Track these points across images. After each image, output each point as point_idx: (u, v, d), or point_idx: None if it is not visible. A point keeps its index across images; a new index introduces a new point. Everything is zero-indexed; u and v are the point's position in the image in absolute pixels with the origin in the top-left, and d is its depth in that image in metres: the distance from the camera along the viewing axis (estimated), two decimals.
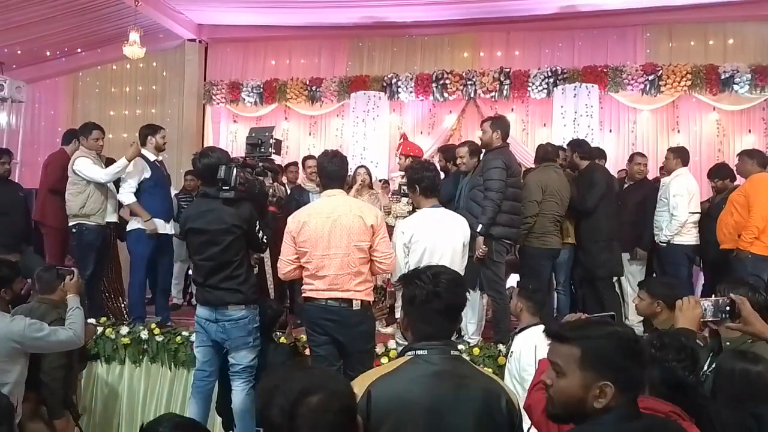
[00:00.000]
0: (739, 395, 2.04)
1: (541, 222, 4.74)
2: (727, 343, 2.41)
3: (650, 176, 7.63)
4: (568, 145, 5.47)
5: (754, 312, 2.08)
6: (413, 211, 4.30)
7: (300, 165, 6.50)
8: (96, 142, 5.05)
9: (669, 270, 5.36)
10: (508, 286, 4.80)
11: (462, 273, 3.65)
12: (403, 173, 5.50)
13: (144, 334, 4.76)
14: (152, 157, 4.98)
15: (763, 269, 4.63)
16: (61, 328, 3.26)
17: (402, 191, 4.89)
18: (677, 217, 5.10)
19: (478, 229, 4.20)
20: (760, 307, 2.29)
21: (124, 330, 4.81)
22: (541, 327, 2.59)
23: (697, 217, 5.23)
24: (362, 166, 5.77)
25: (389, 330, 4.94)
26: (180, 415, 1.76)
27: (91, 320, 4.77)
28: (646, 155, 6.01)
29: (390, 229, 4.17)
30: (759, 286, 3.23)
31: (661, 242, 5.28)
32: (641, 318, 4.68)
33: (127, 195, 4.83)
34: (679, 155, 5.40)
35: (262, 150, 3.90)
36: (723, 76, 7.39)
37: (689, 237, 5.22)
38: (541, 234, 4.76)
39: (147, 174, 4.87)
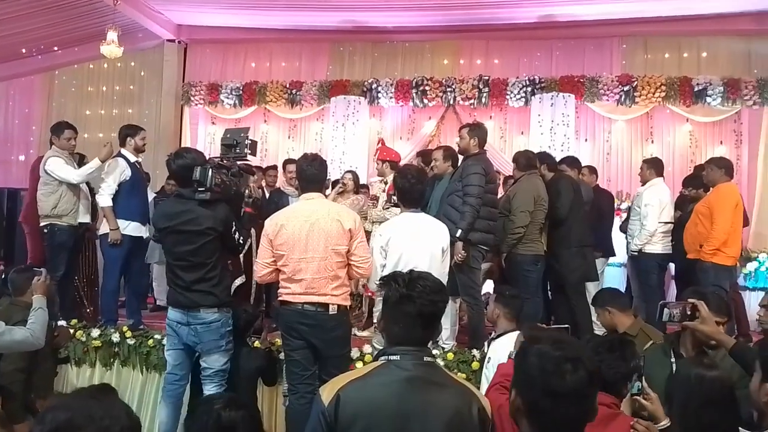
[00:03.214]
0: (693, 400, 2.12)
1: (529, 229, 4.78)
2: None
3: (626, 186, 7.87)
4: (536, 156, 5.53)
5: (710, 315, 2.32)
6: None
7: (279, 168, 6.47)
8: (68, 142, 4.95)
9: (641, 278, 5.48)
10: (483, 292, 4.83)
11: (443, 278, 3.67)
12: (381, 178, 5.53)
13: (115, 337, 4.69)
14: (132, 158, 4.90)
15: (725, 278, 4.72)
16: (18, 327, 3.13)
17: (393, 201, 4.89)
18: (646, 227, 5.25)
19: (458, 234, 4.22)
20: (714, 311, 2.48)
21: (95, 332, 4.73)
22: (518, 333, 2.66)
23: (669, 226, 5.33)
24: (350, 171, 5.76)
25: (365, 334, 4.94)
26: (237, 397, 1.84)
27: (62, 322, 4.69)
28: (593, 167, 6.18)
29: (368, 234, 4.17)
30: (720, 295, 3.35)
31: (632, 251, 5.41)
32: None
33: (104, 198, 4.72)
34: (653, 166, 5.53)
35: (238, 151, 3.87)
36: (696, 89, 7.55)
37: (660, 246, 5.33)
38: (527, 241, 4.80)
39: (127, 175, 4.80)
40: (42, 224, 4.85)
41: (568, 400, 1.35)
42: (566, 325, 2.65)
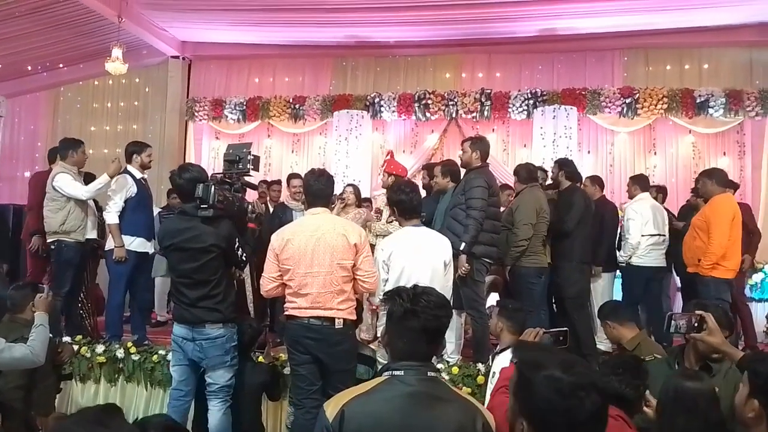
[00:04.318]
0: (674, 409, 2.14)
1: (532, 242, 4.79)
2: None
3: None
4: (555, 162, 5.53)
5: (718, 327, 2.32)
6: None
7: (283, 183, 6.49)
8: (83, 155, 5.05)
9: (624, 289, 5.58)
10: (488, 305, 4.82)
11: (447, 292, 3.67)
12: (386, 191, 5.54)
13: (120, 353, 4.69)
14: (138, 175, 4.93)
15: (725, 291, 4.68)
16: (17, 344, 3.12)
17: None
18: (628, 240, 5.33)
19: (461, 247, 4.22)
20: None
21: (100, 348, 4.73)
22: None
23: (655, 239, 5.37)
24: (350, 185, 5.78)
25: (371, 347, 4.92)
26: (171, 419, 1.73)
27: (66, 339, 4.69)
28: (596, 178, 6.06)
29: (372, 248, 4.18)
30: (724, 309, 3.36)
31: (620, 263, 5.48)
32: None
33: (111, 215, 4.74)
34: (637, 182, 5.69)
35: (240, 166, 3.89)
36: (698, 100, 7.57)
37: (648, 259, 5.37)
38: (531, 253, 4.81)
39: (133, 191, 4.82)
40: (49, 240, 4.86)
41: (587, 425, 1.33)
42: (565, 328, 2.65)
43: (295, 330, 3.33)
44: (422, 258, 3.69)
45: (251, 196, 5.66)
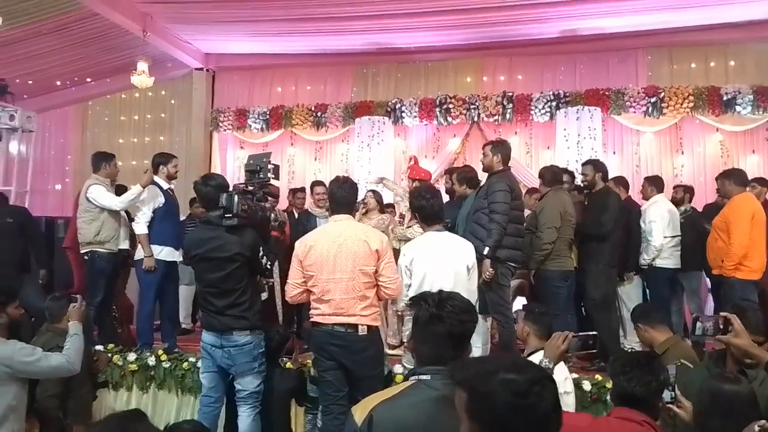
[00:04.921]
0: (710, 412, 2.11)
1: (557, 245, 4.77)
2: None
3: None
4: (588, 163, 5.44)
5: (744, 329, 2.28)
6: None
7: (307, 191, 6.55)
8: (115, 169, 5.20)
9: (651, 292, 5.47)
10: (514, 309, 4.79)
11: (471, 296, 3.65)
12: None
13: (151, 361, 4.78)
14: (165, 185, 5.05)
15: (751, 292, 4.60)
16: (54, 353, 3.22)
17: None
18: (652, 243, 5.27)
19: (485, 252, 4.21)
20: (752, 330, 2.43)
21: (132, 356, 4.83)
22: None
23: (676, 240, 5.32)
24: (371, 191, 5.80)
25: (395, 353, 4.93)
26: (201, 425, 1.76)
27: (99, 347, 4.80)
28: (620, 178, 5.95)
29: (396, 253, 4.19)
30: (753, 308, 3.29)
31: (642, 266, 5.40)
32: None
33: (140, 225, 4.87)
34: (653, 183, 5.63)
35: (261, 176, 3.95)
36: (725, 98, 7.42)
37: (670, 261, 5.32)
38: (556, 257, 4.79)
39: (161, 201, 4.94)
40: (82, 251, 4.98)
41: (549, 418, 1.29)
42: (594, 332, 2.63)
43: (320, 337, 3.37)
44: (445, 263, 3.69)
45: (282, 204, 5.73)
